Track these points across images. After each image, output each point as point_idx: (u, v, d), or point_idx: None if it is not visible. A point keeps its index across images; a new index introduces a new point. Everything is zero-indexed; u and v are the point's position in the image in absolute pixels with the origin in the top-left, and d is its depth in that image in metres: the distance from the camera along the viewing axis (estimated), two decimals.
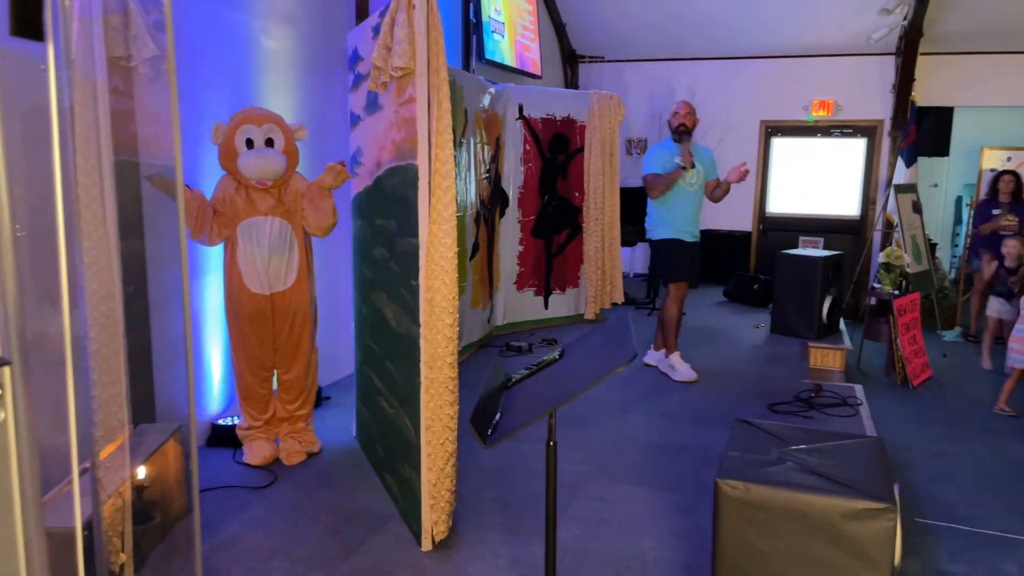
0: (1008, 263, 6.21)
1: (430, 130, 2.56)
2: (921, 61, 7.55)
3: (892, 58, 7.79)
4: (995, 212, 6.90)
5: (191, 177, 3.67)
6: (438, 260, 2.60)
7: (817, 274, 5.87)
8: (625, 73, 8.73)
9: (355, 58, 3.47)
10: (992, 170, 7.35)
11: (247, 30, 4.02)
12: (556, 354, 1.97)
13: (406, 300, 2.80)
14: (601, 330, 2.00)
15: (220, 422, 3.83)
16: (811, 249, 6.77)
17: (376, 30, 2.87)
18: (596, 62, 8.79)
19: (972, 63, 7.73)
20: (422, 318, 2.62)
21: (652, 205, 5.05)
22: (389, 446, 3.21)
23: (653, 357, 5.34)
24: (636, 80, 8.66)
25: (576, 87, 8.80)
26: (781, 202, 8.74)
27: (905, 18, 7.19)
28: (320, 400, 4.44)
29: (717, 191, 5.08)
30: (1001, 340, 6.82)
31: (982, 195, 7.34)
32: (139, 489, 2.55)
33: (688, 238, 5.03)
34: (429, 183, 2.56)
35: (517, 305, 6.11)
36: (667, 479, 3.55)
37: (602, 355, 1.77)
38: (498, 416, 1.71)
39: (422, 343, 2.63)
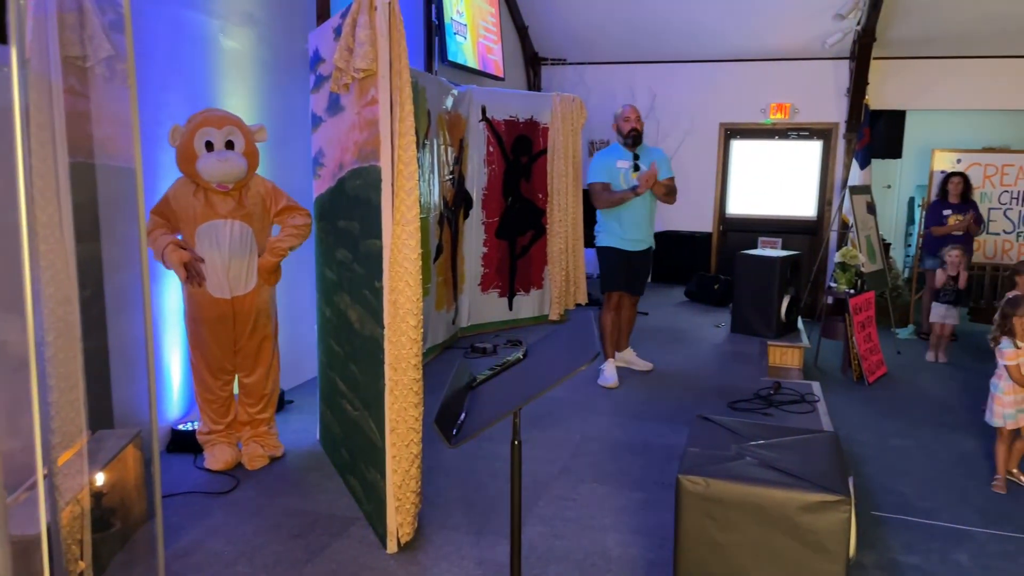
0: (951, 271, 6.43)
1: (393, 131, 2.56)
2: (874, 65, 7.75)
3: (846, 62, 7.98)
4: (945, 213, 7.11)
5: (149, 178, 3.61)
6: (402, 262, 2.60)
7: (775, 274, 5.99)
8: (587, 76, 8.79)
9: (316, 59, 3.45)
10: (942, 172, 7.57)
11: (206, 30, 3.97)
12: (520, 354, 1.99)
13: (370, 302, 2.80)
14: (564, 330, 2.02)
15: (180, 427, 3.77)
16: (769, 249, 6.90)
17: (338, 31, 2.87)
18: (558, 64, 8.84)
19: (923, 68, 7.95)
20: (386, 320, 2.62)
21: (599, 210, 4.92)
22: (353, 449, 3.20)
23: (619, 359, 5.28)
24: (598, 83, 8.73)
25: (539, 89, 8.85)
26: (740, 203, 8.89)
27: (859, 23, 7.37)
28: (283, 403, 4.40)
29: (665, 197, 4.87)
30: (954, 338, 7.04)
31: (933, 196, 7.56)
32: (98, 496, 2.50)
33: (631, 246, 4.84)
34: (392, 185, 2.56)
35: (482, 307, 6.12)
36: (631, 476, 3.59)
37: (565, 354, 1.79)
38: (463, 416, 1.72)
39: (386, 345, 2.63)
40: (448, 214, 5.47)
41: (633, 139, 4.79)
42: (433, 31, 6.05)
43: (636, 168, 4.75)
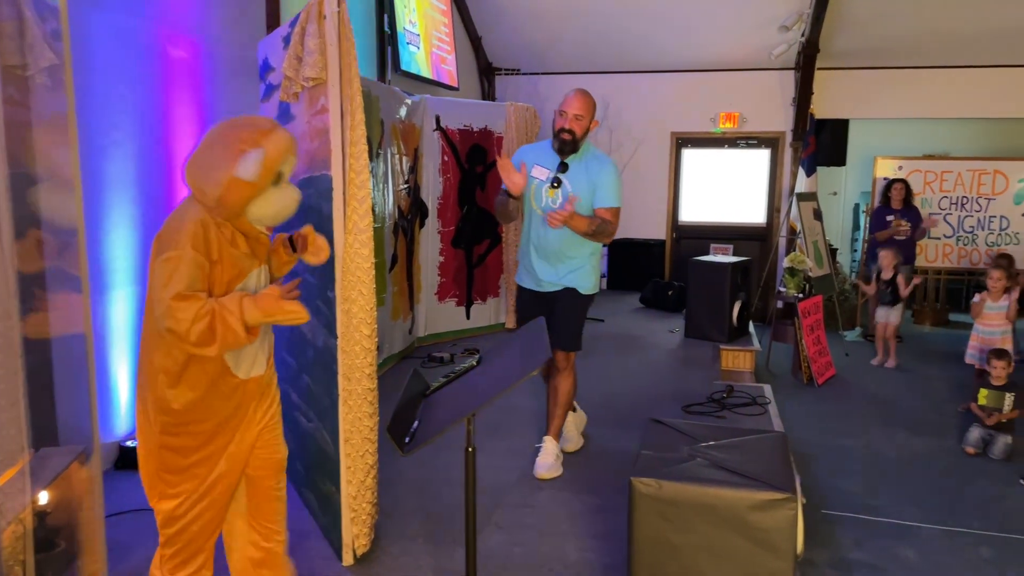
0: (884, 275, 6.67)
1: (344, 140, 2.56)
2: (818, 76, 7.97)
3: (792, 73, 8.19)
4: (888, 218, 7.34)
5: (94, 190, 3.53)
6: (355, 271, 2.59)
7: (726, 280, 6.10)
8: (541, 85, 8.86)
9: (266, 68, 3.42)
10: (885, 179, 7.82)
11: (153, 39, 3.91)
12: (474, 361, 2.00)
13: (323, 312, 2.78)
14: (516, 336, 2.03)
15: (129, 443, 3.69)
16: (721, 256, 7.03)
17: (287, 40, 2.85)
18: (512, 74, 8.90)
19: (865, 78, 8.21)
20: (339, 330, 2.61)
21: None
22: (308, 461, 3.16)
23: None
24: (552, 92, 8.80)
25: (493, 99, 8.89)
26: (693, 211, 9.05)
27: (803, 35, 7.57)
28: None
29: (589, 235, 3.42)
30: (899, 339, 7.25)
31: (876, 202, 7.79)
32: (41, 515, 2.43)
33: (534, 285, 3.64)
34: (344, 194, 2.56)
35: (439, 316, 6.11)
36: (587, 482, 3.62)
37: (517, 360, 1.80)
38: (416, 424, 1.72)
39: (339, 355, 2.62)
40: (403, 223, 5.46)
41: (562, 144, 3.39)
42: (386, 41, 6.04)
43: (556, 184, 3.39)
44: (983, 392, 4.73)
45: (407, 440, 1.67)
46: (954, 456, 4.60)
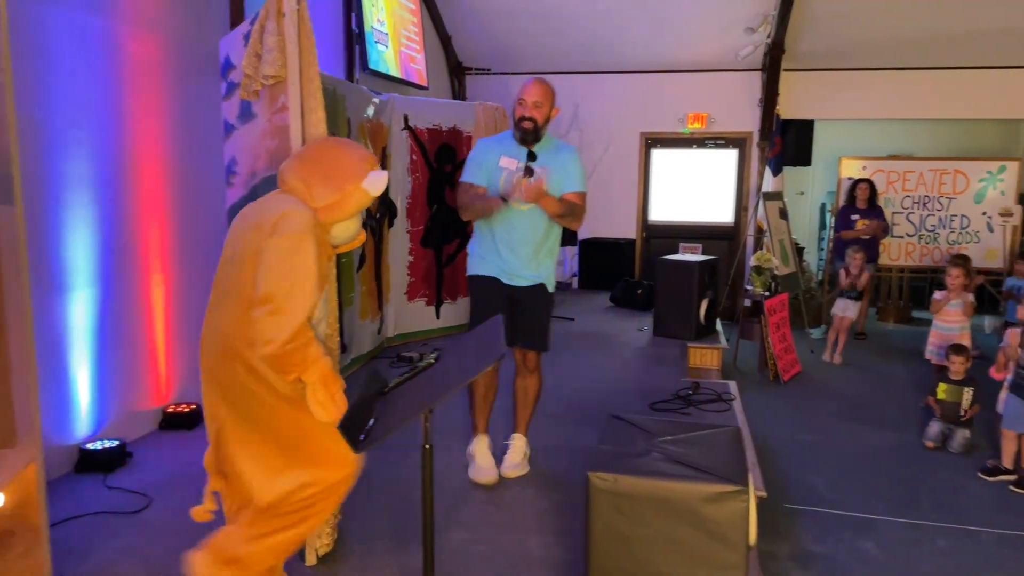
0: (853, 269, 6.82)
1: (304, 138, 2.55)
2: (784, 77, 8.08)
3: (758, 74, 8.29)
4: (853, 217, 7.46)
5: (53, 188, 3.48)
6: None
7: (693, 278, 6.16)
8: (511, 85, 8.86)
9: (227, 66, 3.39)
10: (850, 179, 7.94)
11: (111, 36, 3.86)
12: (432, 358, 2.00)
13: None
14: (473, 333, 2.04)
15: (89, 446, 3.63)
16: (689, 255, 7.09)
17: (247, 37, 2.83)
18: (483, 74, 8.91)
19: (830, 79, 8.34)
20: None
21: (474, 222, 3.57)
22: None
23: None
24: None
25: (464, 99, 8.89)
26: (662, 210, 9.12)
27: (768, 37, 7.67)
28: (200, 419, 4.30)
29: (561, 219, 3.46)
30: (862, 335, 7.37)
31: (842, 202, 7.92)
32: None
33: (505, 277, 3.49)
34: None
35: (408, 316, 6.09)
36: (552, 479, 3.63)
37: (473, 356, 1.81)
38: (372, 422, 1.72)
39: None
40: (371, 223, 5.44)
41: (523, 133, 3.36)
42: (353, 39, 6.02)
43: (529, 172, 3.36)
44: (942, 387, 4.83)
45: (362, 437, 1.67)
46: (914, 450, 4.69)
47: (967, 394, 4.73)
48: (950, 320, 5.69)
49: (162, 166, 4.23)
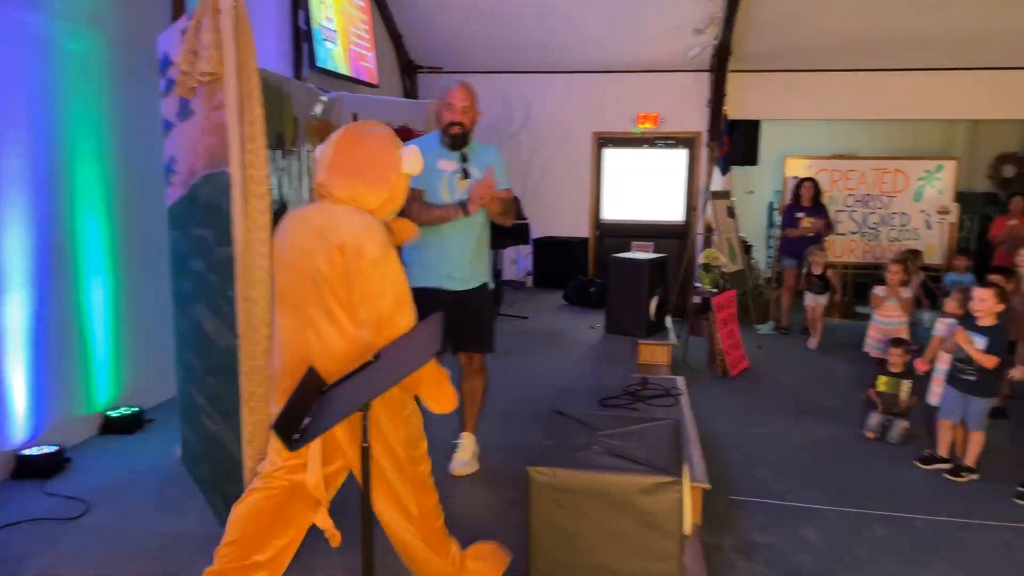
0: (815, 271, 7.06)
1: (242, 136, 2.52)
2: (731, 78, 8.23)
3: (707, 75, 8.42)
4: (798, 215, 7.63)
5: None
6: (255, 269, 2.55)
7: (643, 276, 6.23)
8: None
9: (166, 63, 3.33)
10: (795, 178, 8.13)
11: (47, 32, 3.76)
12: (372, 356, 2.00)
13: (225, 311, 2.73)
14: (412, 331, 2.04)
15: (25, 452, 3.54)
16: (639, 253, 7.17)
17: (185, 33, 2.78)
18: (434, 73, 8.88)
19: (775, 80, 8.51)
20: (239, 329, 2.56)
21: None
22: (214, 464, 3.10)
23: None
24: (475, 91, 8.82)
25: (416, 97, 8.85)
26: (615, 209, 9.21)
27: (716, 38, 7.80)
28: (142, 423, 4.22)
29: (506, 213, 3.52)
30: (833, 329, 7.55)
31: (787, 200, 8.09)
32: None
33: (448, 283, 3.45)
34: (243, 190, 2.51)
35: None
36: (500, 476, 3.64)
37: (411, 353, 1.82)
38: (307, 420, 1.71)
39: (240, 354, 2.57)
40: None
41: (453, 139, 3.42)
42: (301, 37, 5.95)
43: (466, 174, 3.42)
44: (881, 379, 4.98)
45: (296, 436, 1.66)
46: (855, 441, 4.83)
47: (905, 386, 4.88)
48: (889, 315, 5.86)
49: (101, 165, 4.14)
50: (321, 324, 2.16)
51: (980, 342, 4.12)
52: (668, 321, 6.61)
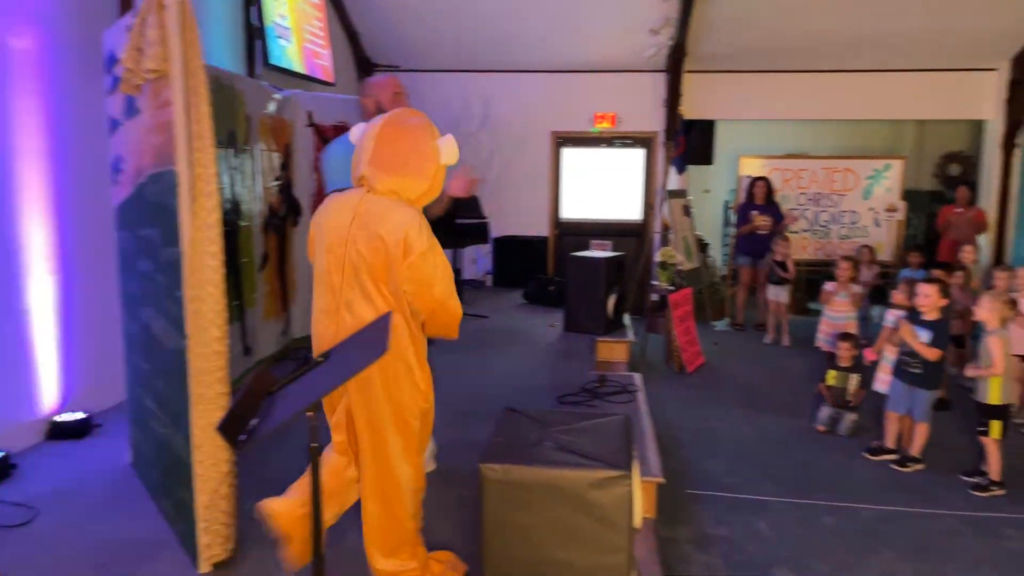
0: (777, 258, 7.20)
1: (189, 135, 2.48)
2: (687, 78, 8.34)
3: (663, 75, 8.52)
4: (752, 213, 7.77)
5: None
6: (203, 269, 2.52)
7: (601, 274, 6.28)
8: (421, 83, 8.81)
9: (112, 60, 3.26)
10: (748, 176, 8.27)
11: None
12: (321, 356, 1.99)
13: (173, 313, 2.68)
14: (361, 331, 2.04)
15: None
16: (597, 251, 7.22)
17: (131, 30, 2.73)
18: (391, 71, 8.83)
19: (729, 81, 8.64)
20: (187, 330, 2.52)
21: None
22: (164, 469, 3.05)
23: None
24: (432, 90, 8.79)
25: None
26: (573, 208, 9.26)
27: (671, 39, 7.89)
28: (91, 428, 4.12)
29: (436, 203, 3.20)
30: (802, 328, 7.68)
31: (742, 199, 8.23)
32: None
33: None
34: (190, 189, 2.48)
35: None
36: (457, 474, 3.64)
37: (358, 352, 1.81)
38: (255, 421, 1.70)
39: (189, 356, 2.53)
40: (275, 222, 5.33)
41: None
42: (254, 34, 5.86)
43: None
44: (831, 373, 5.10)
45: (243, 438, 1.65)
46: (807, 434, 4.94)
47: (854, 380, 5.00)
48: (839, 310, 6.00)
49: (46, 164, 4.03)
50: (356, 304, 2.29)
51: (924, 336, 4.24)
52: (626, 319, 6.67)
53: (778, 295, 7.33)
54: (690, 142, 8.49)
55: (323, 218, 2.41)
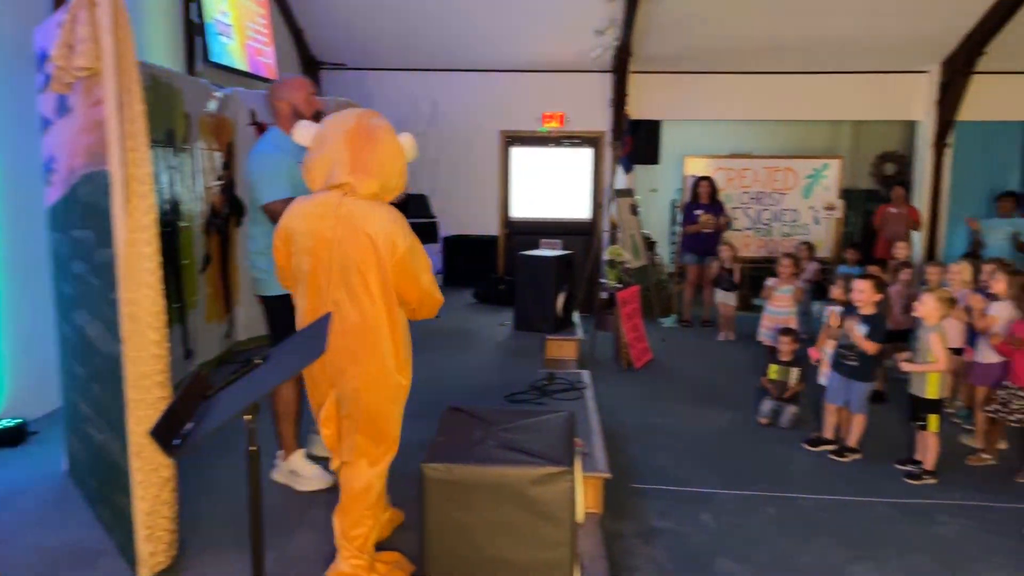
0: (725, 264, 7.35)
1: (122, 134, 2.42)
2: (633, 79, 8.44)
3: (609, 75, 8.61)
4: (696, 212, 7.91)
5: None
6: (139, 271, 2.46)
7: (551, 273, 6.33)
8: (368, 81, 8.78)
9: (43, 57, 3.16)
10: (693, 176, 8.42)
11: None
12: (260, 359, 1.97)
13: (107, 316, 2.62)
14: (300, 332, 2.02)
15: None
16: (547, 250, 7.26)
17: (62, 27, 2.65)
18: (338, 69, 8.74)
19: (674, 82, 8.78)
20: (123, 334, 2.47)
21: (265, 242, 3.13)
22: (101, 476, 2.97)
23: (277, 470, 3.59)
24: (380, 89, 8.74)
25: (319, 94, 8.67)
26: (523, 207, 9.30)
27: (616, 40, 7.98)
28: (26, 435, 3.99)
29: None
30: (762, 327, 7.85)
31: (687, 198, 8.37)
32: None
33: None
34: (124, 189, 2.42)
35: (260, 318, 5.88)
36: (403, 475, 3.61)
37: (297, 354, 1.80)
38: (190, 425, 1.67)
39: (125, 361, 2.48)
40: (217, 222, 5.23)
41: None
42: (194, 31, 5.74)
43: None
44: (773, 367, 5.23)
45: (177, 442, 1.62)
46: (750, 427, 5.06)
47: (794, 373, 5.14)
48: (780, 305, 6.16)
49: None
50: (343, 303, 2.39)
51: (861, 330, 4.38)
52: (576, 317, 6.73)
53: (727, 299, 7.49)
54: (637, 142, 8.60)
55: (297, 223, 2.45)
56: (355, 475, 2.53)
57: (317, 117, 3.24)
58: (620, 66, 8.24)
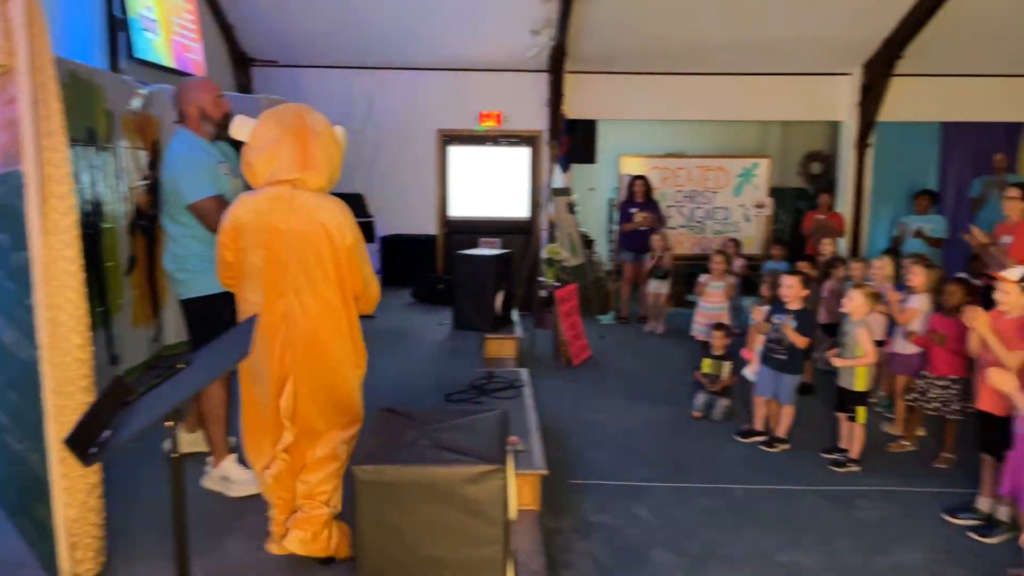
0: (658, 254, 7.50)
1: (37, 133, 2.34)
2: (569, 79, 8.52)
3: (545, 75, 8.67)
4: (631, 211, 8.05)
5: None
6: (59, 275, 2.38)
7: (489, 272, 6.34)
8: (302, 79, 8.63)
9: None
10: (628, 175, 8.55)
11: None
12: (183, 363, 1.93)
13: (24, 321, 2.52)
14: (225, 335, 1.99)
15: None
16: (485, 249, 7.27)
17: None
18: (270, 66, 8.57)
19: (609, 82, 8.89)
20: (43, 340, 2.38)
21: (189, 243, 3.27)
22: (21, 486, 2.86)
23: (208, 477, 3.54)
24: (314, 86, 8.60)
25: (251, 92, 8.51)
26: (461, 206, 9.29)
27: (552, 39, 8.04)
28: None
29: None
30: (667, 317, 7.96)
31: (623, 197, 8.50)
32: None
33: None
34: (39, 190, 2.33)
35: None
36: (345, 479, 3.61)
37: (221, 356, 1.77)
38: (108, 432, 1.63)
39: (45, 367, 2.39)
40: (143, 222, 5.07)
41: (222, 128, 3.26)
42: (117, 26, 5.55)
43: (233, 167, 3.33)
44: (706, 361, 5.36)
45: (94, 450, 1.57)
46: (684, 420, 5.17)
47: (726, 367, 5.28)
48: (713, 301, 6.31)
49: None
50: (304, 292, 2.53)
51: (791, 324, 4.53)
52: (514, 315, 6.77)
53: (659, 287, 7.66)
54: (574, 141, 8.68)
55: (249, 217, 2.54)
56: (323, 443, 2.68)
57: (226, 119, 3.24)
58: (556, 66, 8.31)
